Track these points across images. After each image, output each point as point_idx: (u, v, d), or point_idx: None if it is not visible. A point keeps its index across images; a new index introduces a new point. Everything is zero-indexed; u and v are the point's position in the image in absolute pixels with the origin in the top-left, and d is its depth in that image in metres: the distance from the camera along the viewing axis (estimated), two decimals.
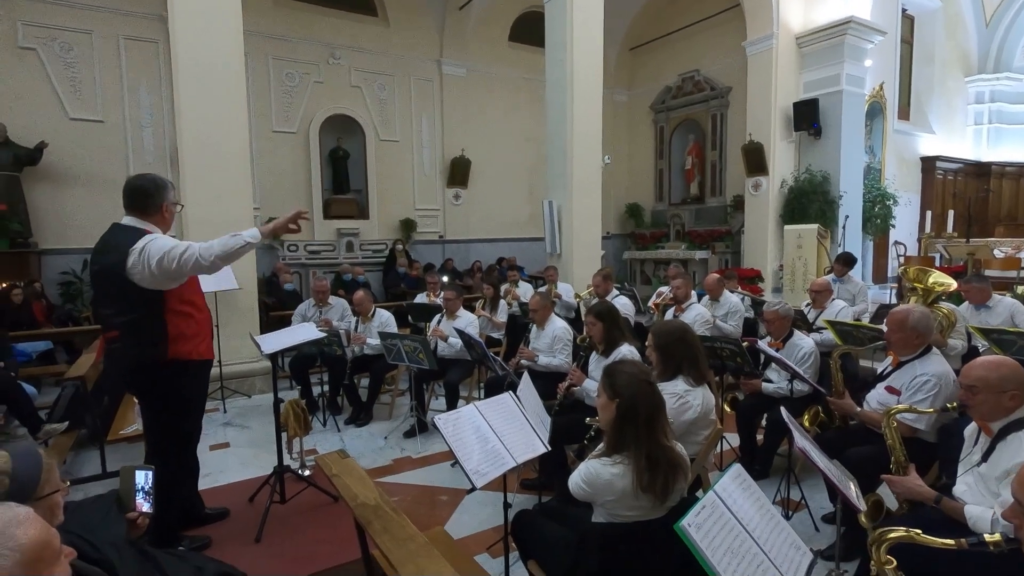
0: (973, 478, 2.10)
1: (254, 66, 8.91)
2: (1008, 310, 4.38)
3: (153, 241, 2.49)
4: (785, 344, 3.77)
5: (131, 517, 1.70)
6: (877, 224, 10.39)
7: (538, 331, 4.26)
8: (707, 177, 11.86)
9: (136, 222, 2.59)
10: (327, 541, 2.97)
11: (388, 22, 10.51)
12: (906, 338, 2.85)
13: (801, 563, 1.57)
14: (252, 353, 5.58)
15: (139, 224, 2.58)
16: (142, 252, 2.44)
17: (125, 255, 2.44)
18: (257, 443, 4.45)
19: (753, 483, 1.70)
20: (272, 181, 9.60)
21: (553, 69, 7.57)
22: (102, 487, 3.47)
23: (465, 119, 11.29)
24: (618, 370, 1.95)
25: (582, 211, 7.59)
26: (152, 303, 2.53)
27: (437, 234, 11.32)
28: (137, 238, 2.48)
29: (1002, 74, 12.97)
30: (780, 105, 9.55)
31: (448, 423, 2.21)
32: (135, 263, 2.44)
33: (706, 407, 2.63)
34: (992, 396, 2.02)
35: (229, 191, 5.43)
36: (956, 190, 12.44)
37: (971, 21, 12.86)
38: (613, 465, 1.80)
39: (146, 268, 2.44)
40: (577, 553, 1.87)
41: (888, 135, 11.14)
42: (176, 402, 2.68)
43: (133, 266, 2.44)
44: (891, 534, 1.33)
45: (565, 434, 3.05)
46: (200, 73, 5.28)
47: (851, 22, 8.92)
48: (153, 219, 2.62)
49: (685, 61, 11.91)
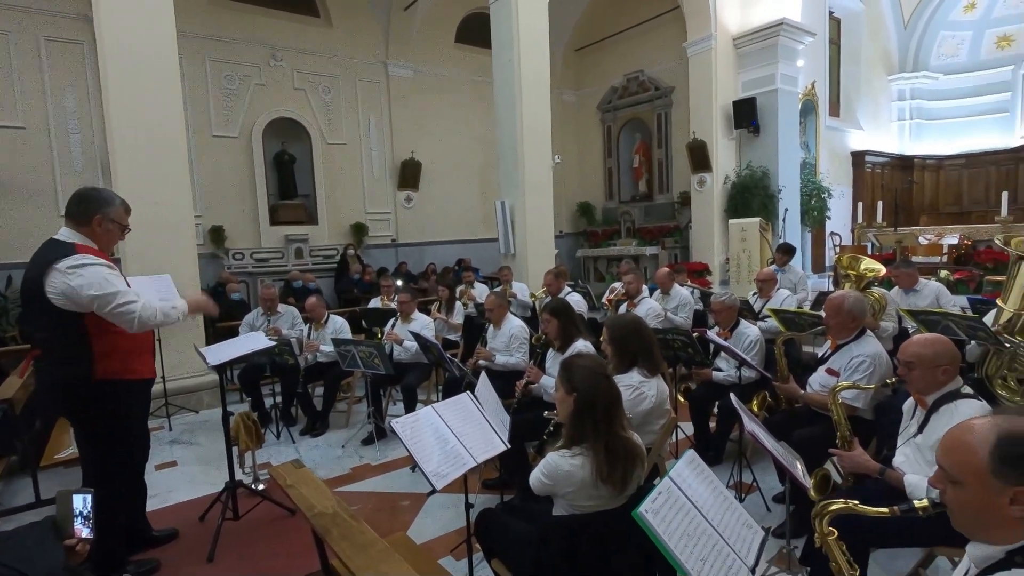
0: (911, 449, 2.24)
1: (190, 68, 8.56)
2: (934, 293, 4.69)
3: (88, 268, 2.31)
4: (733, 333, 3.91)
5: (69, 544, 1.60)
6: (814, 216, 10.91)
7: (494, 331, 4.27)
8: (655, 175, 12.17)
9: (70, 235, 2.43)
10: (284, 555, 2.88)
11: (331, 23, 10.30)
12: (842, 322, 3.01)
13: (753, 541, 1.63)
14: (198, 367, 5.36)
15: (72, 237, 2.42)
16: (67, 273, 2.28)
17: (44, 271, 2.29)
18: (206, 460, 4.28)
19: (707, 468, 1.75)
20: (214, 187, 9.25)
21: (500, 70, 7.60)
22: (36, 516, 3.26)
23: (414, 121, 11.18)
24: (575, 364, 1.98)
25: (534, 211, 7.65)
26: (72, 320, 2.36)
27: (390, 238, 11.17)
28: (63, 254, 2.32)
29: (920, 72, 13.89)
30: (721, 104, 9.90)
31: (406, 426, 2.19)
32: (53, 281, 2.28)
33: (661, 397, 2.70)
34: (927, 371, 2.16)
35: (167, 199, 5.19)
36: (884, 182, 13.22)
37: (891, 23, 13.70)
38: (573, 457, 1.82)
39: (64, 292, 2.28)
40: (540, 546, 1.88)
41: (821, 131, 11.72)
42: (111, 424, 2.52)
43: (50, 284, 2.28)
44: (832, 506, 1.40)
45: (525, 432, 3.07)
46: (130, 76, 5.02)
47: (783, 24, 9.35)
48: (84, 231, 2.45)
49: (630, 62, 12.19)
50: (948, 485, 1.13)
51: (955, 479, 1.11)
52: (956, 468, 1.10)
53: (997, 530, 1.07)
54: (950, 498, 1.13)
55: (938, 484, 1.16)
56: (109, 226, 2.50)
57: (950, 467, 1.12)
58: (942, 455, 1.14)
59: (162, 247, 5.18)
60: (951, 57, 13.89)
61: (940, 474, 1.15)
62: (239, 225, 9.55)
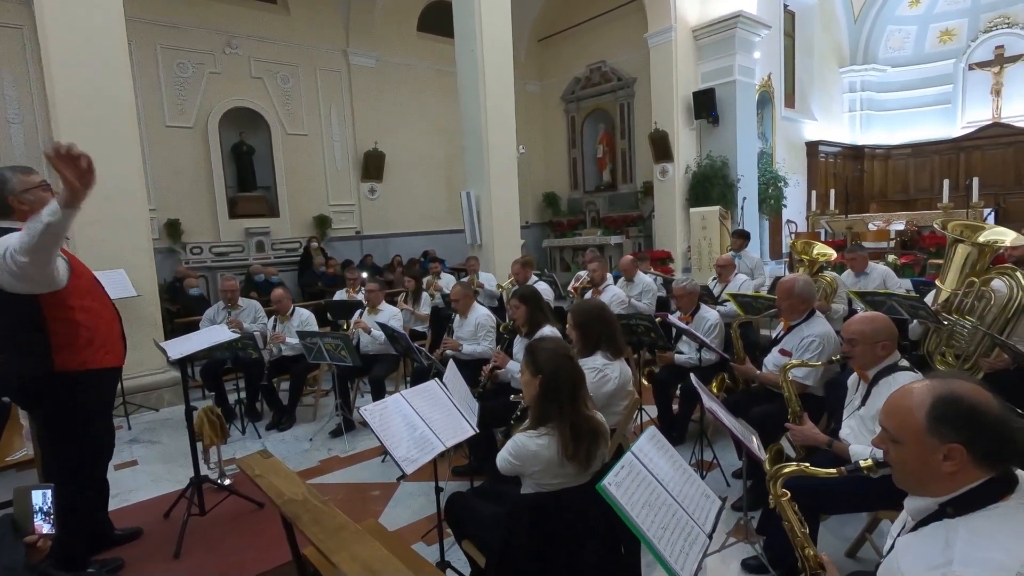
0: (855, 421, 2.38)
1: (140, 56, 8.24)
2: (882, 276, 4.94)
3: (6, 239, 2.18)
4: (693, 317, 4.04)
5: (30, 540, 1.56)
6: (771, 204, 11.25)
7: (461, 320, 4.30)
8: (618, 165, 12.32)
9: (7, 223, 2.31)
10: (254, 547, 2.86)
11: (288, 10, 10.03)
12: (793, 304, 3.15)
13: (711, 509, 1.72)
14: (157, 363, 5.22)
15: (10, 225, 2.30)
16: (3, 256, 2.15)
17: None
18: (169, 458, 4.19)
19: (667, 442, 1.84)
20: (169, 179, 8.94)
21: (464, 59, 7.57)
22: None
23: (377, 111, 11.02)
24: (539, 347, 2.03)
25: (500, 201, 7.67)
26: (26, 309, 2.27)
27: (354, 230, 11.02)
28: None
29: (870, 65, 14.41)
30: (681, 94, 10.08)
31: (375, 414, 2.21)
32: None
33: (623, 379, 2.78)
34: (868, 347, 2.30)
35: (119, 191, 4.99)
36: (836, 171, 13.71)
37: (842, 16, 14.16)
38: (539, 437, 1.88)
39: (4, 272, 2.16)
40: (509, 525, 1.93)
41: (777, 122, 12.06)
42: (72, 417, 2.45)
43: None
44: (785, 469, 1.49)
45: (492, 417, 3.12)
46: (75, 63, 4.80)
47: (740, 16, 9.56)
48: (13, 217, 2.32)
49: (592, 52, 12.27)
50: (890, 445, 1.22)
51: (896, 439, 1.20)
52: (897, 428, 1.20)
53: (934, 484, 1.16)
54: (892, 457, 1.23)
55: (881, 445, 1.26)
56: (27, 197, 2.34)
57: (892, 428, 1.21)
58: (884, 417, 1.24)
59: (116, 242, 5.01)
60: (898, 50, 14.45)
61: (883, 435, 1.24)
62: (196, 218, 9.27)
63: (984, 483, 1.12)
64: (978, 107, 13.58)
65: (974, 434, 1.10)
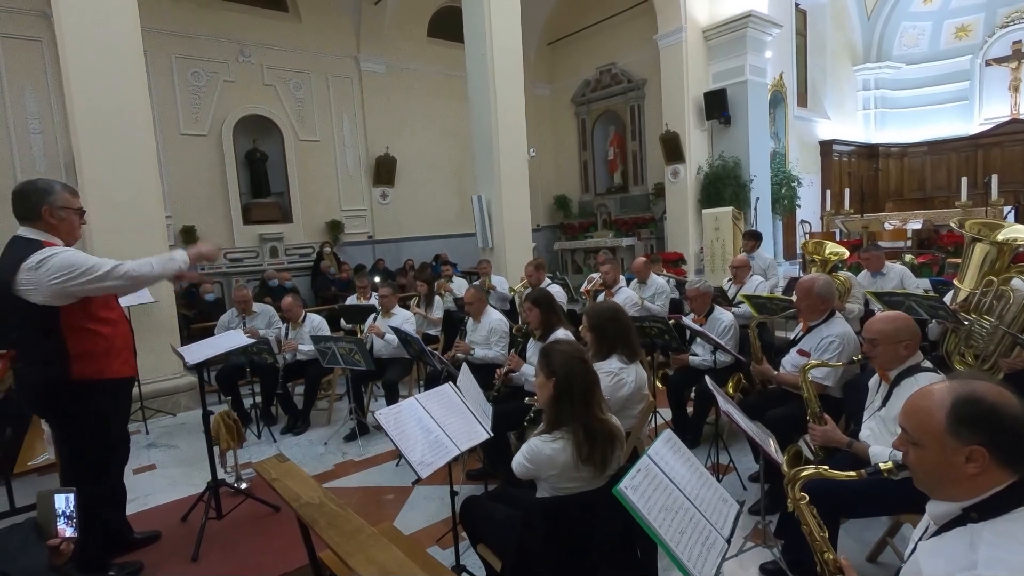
0: (876, 423, 2.34)
1: (156, 65, 8.37)
2: (899, 275, 4.87)
3: (55, 256, 2.29)
4: (707, 319, 4.01)
5: (53, 544, 1.59)
6: (785, 204, 11.14)
7: (474, 324, 4.30)
8: (629, 167, 12.28)
9: (32, 232, 2.39)
10: (271, 551, 2.88)
11: (300, 18, 10.15)
12: (812, 304, 3.11)
13: (729, 513, 1.70)
14: (174, 369, 5.29)
15: (36, 235, 2.39)
16: (37, 268, 2.25)
17: (15, 270, 2.26)
18: (186, 462, 4.23)
19: (683, 445, 1.82)
20: (184, 187, 9.06)
21: (474, 64, 7.59)
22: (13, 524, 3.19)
23: (387, 116, 11.10)
24: (553, 350, 2.02)
25: (511, 204, 7.68)
26: (46, 320, 2.33)
27: (366, 235, 11.09)
28: (31, 251, 2.29)
29: (883, 63, 14.23)
30: (692, 95, 10.03)
31: (389, 417, 2.22)
32: (25, 279, 2.26)
33: (639, 383, 2.76)
34: (890, 347, 2.27)
35: (135, 199, 5.09)
36: (851, 170, 13.55)
37: (855, 14, 14.01)
38: (554, 441, 1.87)
39: (41, 285, 2.25)
40: (524, 528, 1.93)
41: (789, 121, 11.95)
42: (89, 424, 2.49)
43: (24, 281, 2.26)
44: (803, 472, 1.47)
45: (506, 421, 3.11)
46: (94, 74, 4.89)
47: (751, 16, 9.49)
48: (40, 227, 2.40)
49: (602, 55, 12.25)
50: (910, 447, 1.20)
51: (916, 441, 1.18)
52: (917, 430, 1.18)
53: (955, 487, 1.14)
54: (912, 459, 1.20)
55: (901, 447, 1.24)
56: (60, 214, 2.44)
57: (911, 429, 1.19)
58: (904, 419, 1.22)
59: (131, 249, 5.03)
60: (912, 47, 14.27)
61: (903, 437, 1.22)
62: (211, 225, 9.38)
63: (1008, 487, 1.10)
64: (996, 103, 13.34)
65: (996, 435, 1.08)
